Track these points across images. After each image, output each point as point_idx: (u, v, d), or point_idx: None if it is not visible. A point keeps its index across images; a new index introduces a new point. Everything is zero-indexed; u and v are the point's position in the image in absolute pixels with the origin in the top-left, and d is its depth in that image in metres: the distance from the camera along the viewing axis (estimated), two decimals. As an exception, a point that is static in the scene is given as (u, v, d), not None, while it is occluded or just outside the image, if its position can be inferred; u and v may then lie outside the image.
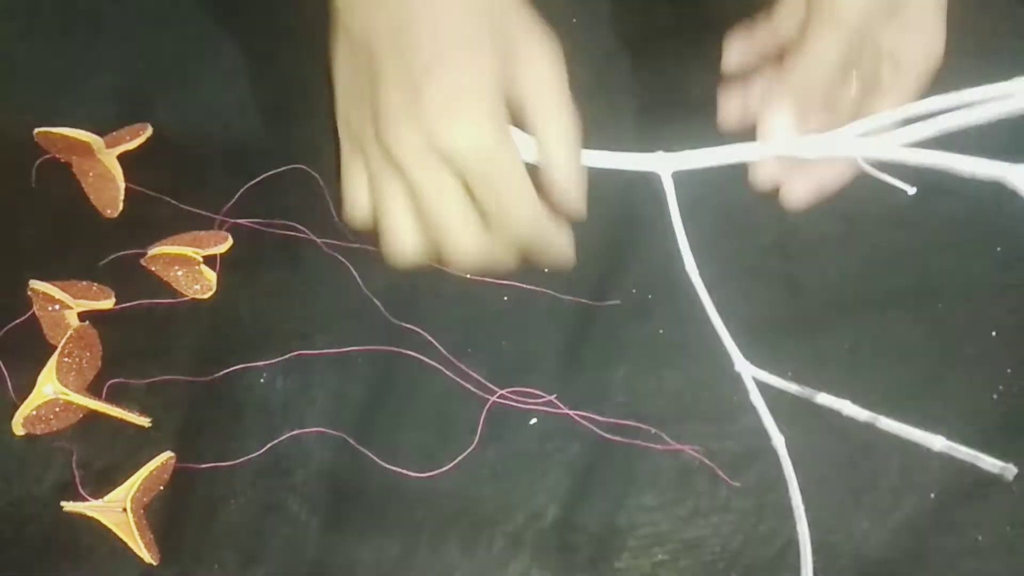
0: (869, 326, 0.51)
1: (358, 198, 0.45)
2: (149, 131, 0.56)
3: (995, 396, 0.50)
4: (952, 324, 0.52)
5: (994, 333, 0.51)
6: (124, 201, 0.55)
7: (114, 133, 0.55)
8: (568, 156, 0.45)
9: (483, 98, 0.42)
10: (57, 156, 0.55)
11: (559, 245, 0.45)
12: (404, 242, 0.45)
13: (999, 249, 0.53)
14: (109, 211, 0.55)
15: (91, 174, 0.55)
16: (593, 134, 0.45)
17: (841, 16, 0.44)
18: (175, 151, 0.56)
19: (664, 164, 0.48)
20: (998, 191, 0.51)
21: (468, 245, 0.44)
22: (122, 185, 0.55)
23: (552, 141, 0.44)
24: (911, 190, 0.45)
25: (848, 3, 0.44)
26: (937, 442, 0.45)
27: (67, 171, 0.55)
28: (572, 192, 0.45)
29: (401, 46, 0.43)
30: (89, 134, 0.54)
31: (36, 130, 0.54)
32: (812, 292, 0.52)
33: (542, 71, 0.43)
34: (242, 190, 0.54)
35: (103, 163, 0.54)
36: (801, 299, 0.51)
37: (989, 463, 0.45)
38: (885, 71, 0.47)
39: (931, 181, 0.52)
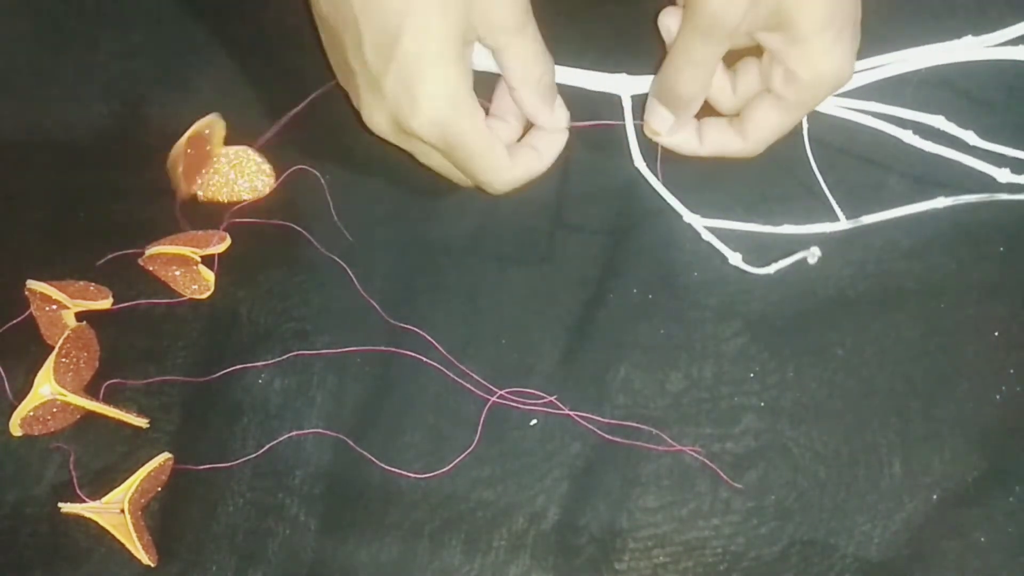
0: (870, 326, 0.51)
1: None
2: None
3: (998, 397, 0.50)
4: (953, 324, 0.51)
5: (996, 333, 0.51)
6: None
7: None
8: (533, 91, 0.47)
9: (438, 69, 0.44)
10: (185, 195, 0.54)
11: (531, 176, 0.49)
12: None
13: (1001, 249, 0.52)
14: (267, 187, 0.54)
15: (221, 178, 0.54)
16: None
17: (712, 20, 0.44)
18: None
19: (625, 86, 0.51)
20: (999, 191, 0.51)
21: (470, 181, 0.49)
22: (253, 152, 0.54)
23: (518, 78, 0.47)
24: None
25: (720, 8, 0.44)
26: (939, 201, 0.49)
27: (63, 171, 0.55)
28: (545, 118, 0.49)
29: (357, 42, 0.45)
30: (203, 121, 0.53)
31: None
32: (812, 292, 0.52)
33: (501, 12, 0.44)
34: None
35: (223, 154, 0.54)
36: (801, 299, 0.51)
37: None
38: (777, 80, 0.47)
39: (932, 180, 0.52)
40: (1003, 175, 0.50)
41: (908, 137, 0.50)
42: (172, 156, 0.52)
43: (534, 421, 0.50)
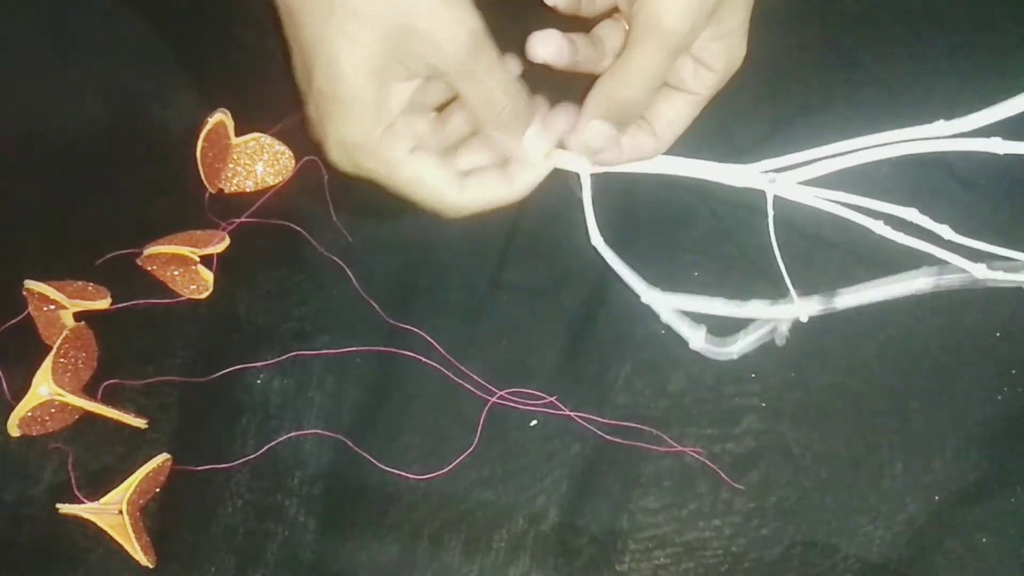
0: (870, 326, 0.51)
1: None
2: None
3: (999, 397, 0.50)
4: (954, 324, 0.51)
5: (997, 334, 0.51)
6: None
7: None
8: (493, 127, 0.44)
9: (346, 114, 0.42)
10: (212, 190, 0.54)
11: (490, 205, 0.45)
12: None
13: (1002, 249, 0.52)
14: (289, 171, 0.54)
15: (242, 169, 0.54)
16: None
17: (667, 28, 0.42)
18: (173, 150, 0.55)
19: (584, 165, 0.49)
20: (998, 192, 0.51)
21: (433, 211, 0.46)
22: (267, 137, 0.54)
23: (474, 118, 0.44)
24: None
25: (674, 15, 0.42)
26: (920, 283, 0.45)
27: (62, 171, 0.55)
28: (514, 151, 0.45)
29: (288, 40, 0.43)
30: (218, 114, 0.53)
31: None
32: (814, 293, 0.52)
33: (441, 38, 0.41)
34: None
35: (238, 144, 0.54)
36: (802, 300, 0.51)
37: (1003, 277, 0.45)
38: (686, 72, 0.45)
39: (932, 181, 0.52)
40: (979, 271, 0.48)
41: (879, 228, 0.48)
42: (198, 157, 0.52)
43: (534, 421, 0.50)
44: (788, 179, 0.50)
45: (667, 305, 0.48)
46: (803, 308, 0.46)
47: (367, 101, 0.42)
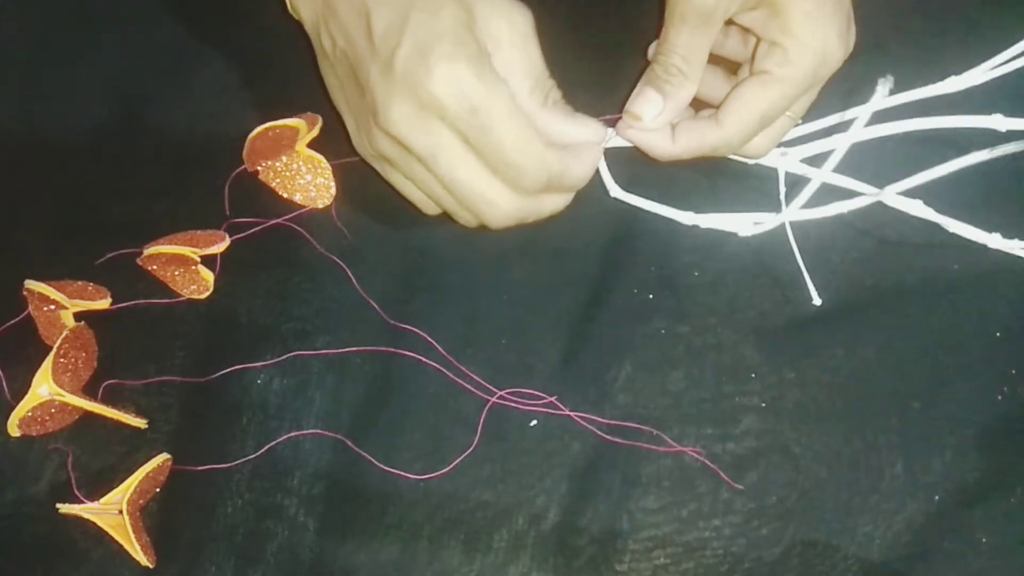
0: (870, 326, 0.51)
1: (414, 196, 0.49)
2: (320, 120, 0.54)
3: (999, 397, 0.50)
4: (954, 324, 0.51)
5: (997, 333, 0.51)
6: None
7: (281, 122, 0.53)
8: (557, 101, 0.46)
9: (452, 39, 0.42)
10: (248, 168, 0.54)
11: (566, 172, 0.46)
12: (430, 209, 0.48)
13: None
14: (322, 202, 0.54)
15: (287, 172, 0.54)
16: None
17: (689, 5, 0.44)
18: (173, 150, 0.55)
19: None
20: (1000, 190, 0.51)
21: (486, 201, 0.45)
22: (328, 166, 0.54)
23: (527, 97, 0.45)
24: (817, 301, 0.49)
25: None
26: (992, 240, 0.49)
27: (62, 171, 0.55)
28: (570, 137, 0.47)
29: (368, 35, 0.43)
30: (296, 120, 0.52)
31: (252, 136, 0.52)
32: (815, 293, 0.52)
33: (506, 24, 0.44)
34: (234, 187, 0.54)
35: (301, 153, 0.54)
36: (803, 300, 0.51)
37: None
38: (770, 63, 0.46)
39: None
40: (993, 240, 0.49)
41: (890, 199, 0.49)
42: (254, 133, 0.52)
43: (534, 421, 0.50)
44: (799, 153, 0.50)
45: (703, 222, 0.51)
46: (854, 203, 0.48)
47: (472, 37, 0.43)
